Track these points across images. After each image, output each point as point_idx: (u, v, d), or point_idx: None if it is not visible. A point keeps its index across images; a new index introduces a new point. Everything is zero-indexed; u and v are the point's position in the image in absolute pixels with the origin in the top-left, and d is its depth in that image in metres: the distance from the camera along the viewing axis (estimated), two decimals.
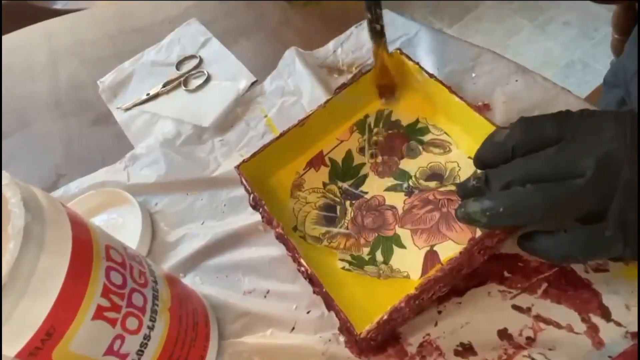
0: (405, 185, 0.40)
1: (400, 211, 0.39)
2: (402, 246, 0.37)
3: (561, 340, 0.32)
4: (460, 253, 0.32)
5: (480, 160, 0.35)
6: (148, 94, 0.56)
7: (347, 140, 0.43)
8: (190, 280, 0.41)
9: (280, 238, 0.37)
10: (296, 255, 0.35)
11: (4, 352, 0.24)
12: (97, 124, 0.56)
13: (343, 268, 0.37)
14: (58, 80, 0.62)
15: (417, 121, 0.43)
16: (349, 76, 0.49)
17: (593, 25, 1.39)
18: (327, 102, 0.42)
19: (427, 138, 0.42)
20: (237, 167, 0.40)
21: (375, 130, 0.43)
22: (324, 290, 0.33)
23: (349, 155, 0.43)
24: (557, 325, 0.32)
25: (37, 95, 0.61)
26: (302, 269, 0.35)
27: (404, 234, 0.38)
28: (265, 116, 0.50)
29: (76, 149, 0.55)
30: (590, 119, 0.31)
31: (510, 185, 0.31)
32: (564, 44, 1.39)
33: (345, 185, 0.41)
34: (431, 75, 0.40)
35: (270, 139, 0.41)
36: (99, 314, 0.26)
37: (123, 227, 0.45)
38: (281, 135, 0.41)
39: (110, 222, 0.46)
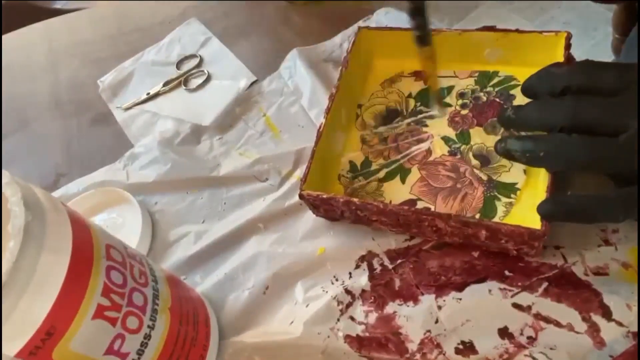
0: (457, 146, 0.40)
1: (431, 158, 0.40)
2: (402, 181, 0.39)
3: (562, 340, 0.31)
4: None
5: (529, 87, 0.34)
6: (148, 94, 0.56)
7: (458, 78, 0.43)
8: (190, 280, 0.41)
9: None
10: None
11: (4, 352, 0.24)
12: (97, 124, 0.56)
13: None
14: (58, 80, 0.62)
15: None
16: None
17: (593, 25, 1.39)
18: (464, 31, 0.41)
19: None
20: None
21: (487, 89, 0.42)
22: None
23: (444, 91, 0.43)
24: (558, 324, 0.32)
25: (37, 95, 0.61)
26: None
27: (414, 175, 0.39)
28: (264, 115, 0.50)
29: (76, 149, 0.55)
30: None
31: (554, 123, 0.30)
32: None
33: (420, 107, 0.43)
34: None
35: (269, 137, 0.41)
36: (100, 313, 0.26)
37: (123, 226, 0.45)
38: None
39: (110, 222, 0.46)
